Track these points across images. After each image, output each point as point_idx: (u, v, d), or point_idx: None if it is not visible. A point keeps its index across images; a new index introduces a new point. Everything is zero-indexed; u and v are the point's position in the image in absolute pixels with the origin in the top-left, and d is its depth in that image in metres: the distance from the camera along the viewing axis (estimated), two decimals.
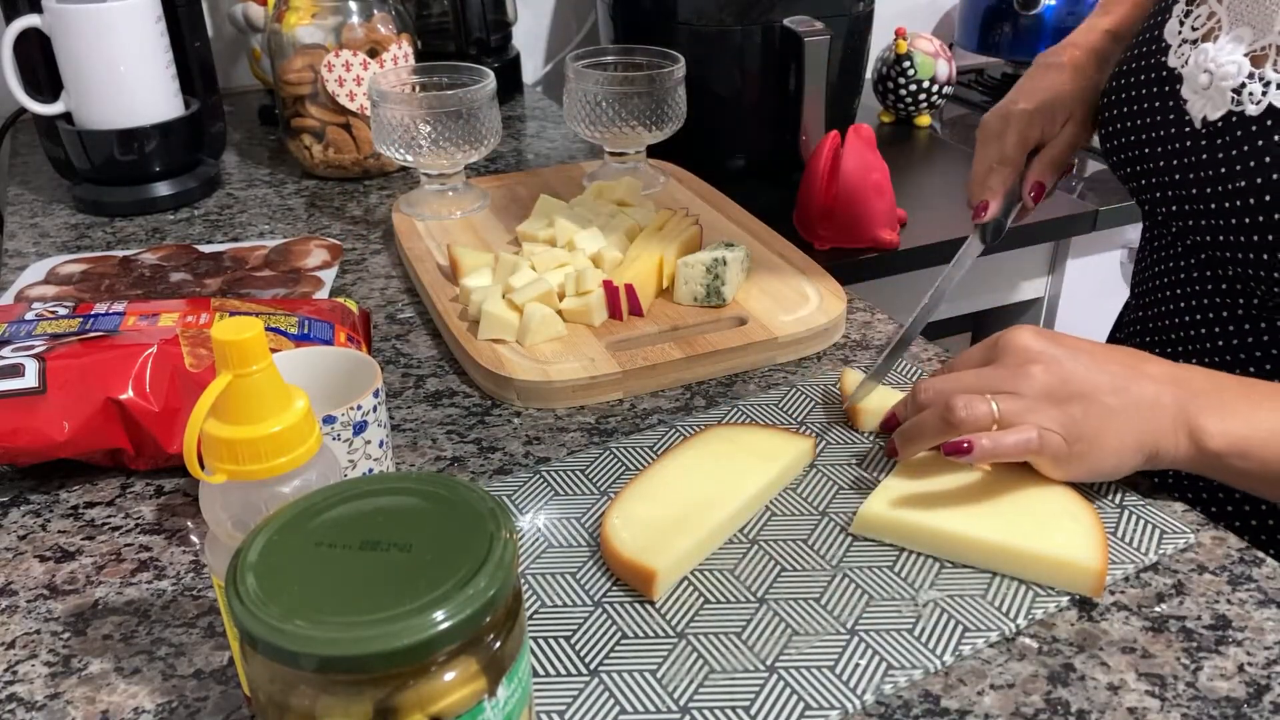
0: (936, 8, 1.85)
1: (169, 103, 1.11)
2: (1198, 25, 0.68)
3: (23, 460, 0.66)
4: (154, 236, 1.06)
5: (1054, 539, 0.57)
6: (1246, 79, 0.63)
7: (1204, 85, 0.65)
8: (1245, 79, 0.63)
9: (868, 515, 0.60)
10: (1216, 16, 0.66)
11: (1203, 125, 0.66)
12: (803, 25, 1.24)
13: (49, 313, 0.73)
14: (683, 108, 1.05)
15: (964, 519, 0.59)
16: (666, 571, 0.56)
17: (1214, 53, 0.65)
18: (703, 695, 0.51)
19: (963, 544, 0.58)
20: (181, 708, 0.52)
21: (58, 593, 0.59)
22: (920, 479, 0.63)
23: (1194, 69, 0.66)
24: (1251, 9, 0.63)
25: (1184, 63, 0.68)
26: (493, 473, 0.68)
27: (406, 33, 1.17)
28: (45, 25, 1.05)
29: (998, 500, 0.61)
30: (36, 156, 1.24)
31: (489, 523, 0.38)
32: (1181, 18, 0.69)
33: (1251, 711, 0.50)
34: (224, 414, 0.43)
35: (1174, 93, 0.68)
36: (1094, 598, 0.56)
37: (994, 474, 0.63)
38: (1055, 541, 0.57)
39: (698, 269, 0.83)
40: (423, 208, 1.02)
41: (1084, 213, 1.30)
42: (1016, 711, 0.50)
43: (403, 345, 0.84)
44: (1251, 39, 0.63)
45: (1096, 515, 0.59)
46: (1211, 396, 0.59)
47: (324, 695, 0.35)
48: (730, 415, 0.73)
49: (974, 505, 0.61)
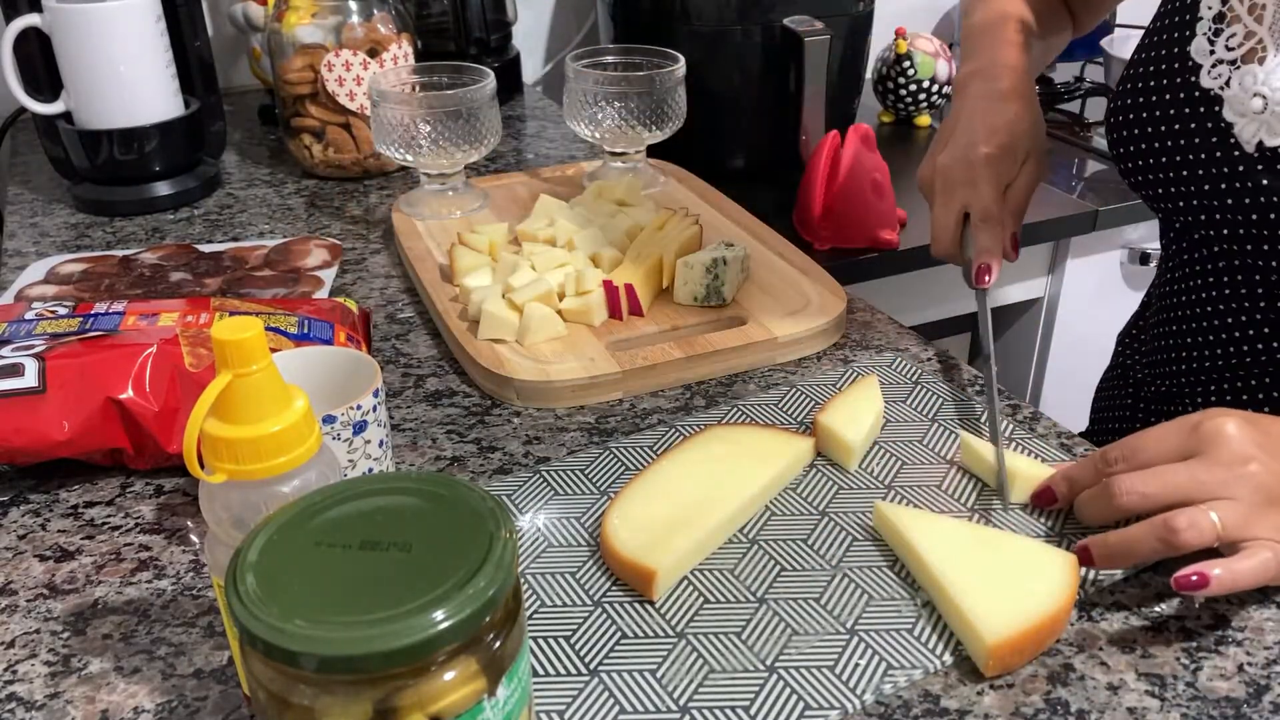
0: (936, 8, 1.85)
1: (169, 102, 1.11)
2: (1233, 45, 0.65)
3: (23, 460, 0.66)
4: (154, 236, 1.06)
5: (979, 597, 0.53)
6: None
7: (1257, 110, 0.63)
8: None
9: (880, 510, 0.61)
10: (1256, 37, 0.64)
11: (1257, 151, 0.64)
12: (803, 25, 1.24)
13: (49, 312, 0.73)
14: (683, 108, 1.05)
15: (933, 541, 0.57)
16: (666, 571, 0.56)
17: (1264, 76, 0.63)
18: (703, 695, 0.51)
19: (919, 568, 0.57)
20: (181, 707, 0.52)
21: (58, 592, 0.59)
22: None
23: (1240, 92, 0.64)
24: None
25: (1223, 84, 0.66)
26: (493, 472, 0.68)
27: (406, 32, 1.17)
28: (45, 25, 1.05)
29: (982, 540, 0.58)
30: (36, 156, 1.24)
31: (489, 522, 0.38)
32: (1211, 35, 0.67)
33: (1251, 711, 0.50)
34: (224, 413, 0.43)
35: (1213, 114, 0.66)
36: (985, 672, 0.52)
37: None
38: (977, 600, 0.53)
39: (698, 269, 0.83)
40: (423, 208, 1.02)
41: (1084, 213, 1.30)
42: (1016, 711, 0.50)
43: (403, 345, 0.84)
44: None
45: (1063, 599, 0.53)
46: None
47: (324, 695, 0.35)
48: (730, 415, 0.73)
49: (954, 535, 0.58)
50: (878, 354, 0.81)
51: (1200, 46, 0.68)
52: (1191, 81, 0.68)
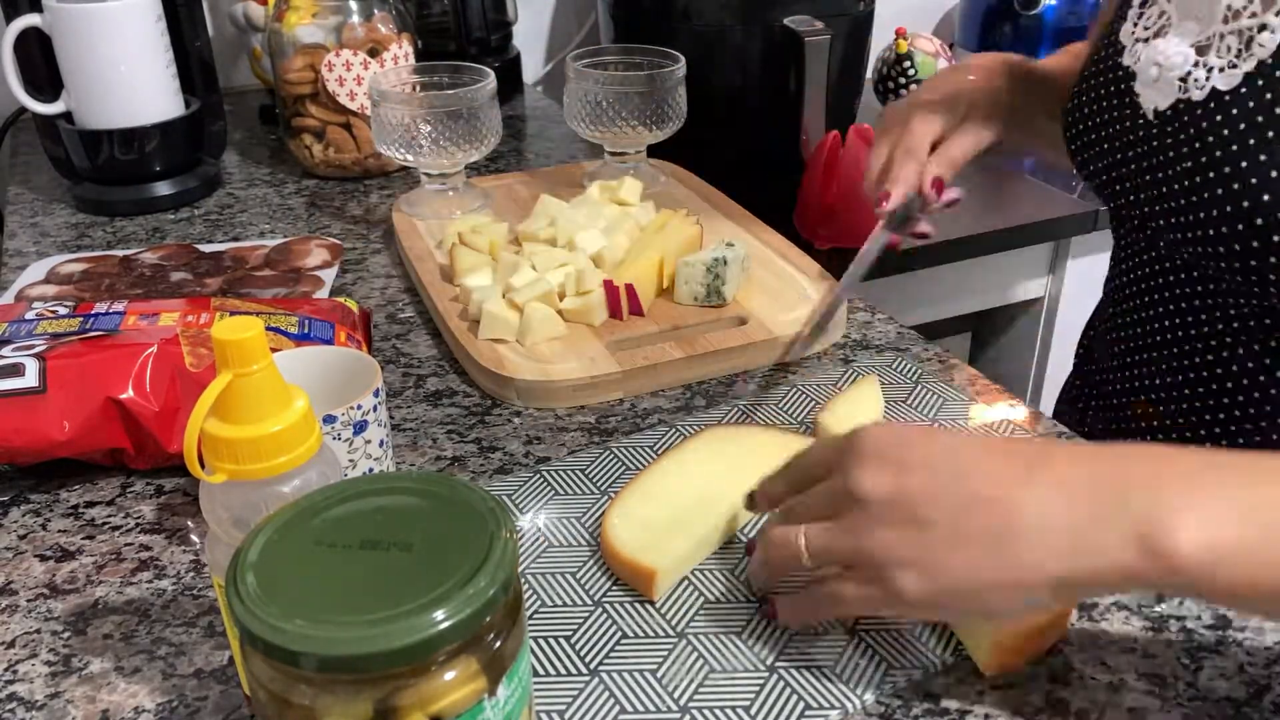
0: (936, 8, 1.85)
1: (169, 102, 1.12)
2: (1149, 25, 0.69)
3: (23, 460, 0.66)
4: (154, 236, 1.06)
5: None
6: (1192, 67, 0.64)
7: (1154, 78, 0.67)
8: (1190, 67, 0.64)
9: None
10: (1166, 15, 0.68)
11: (1154, 116, 0.67)
12: (803, 25, 1.23)
13: (49, 312, 0.73)
14: (683, 107, 1.05)
15: None
16: (666, 571, 0.56)
17: (1163, 46, 0.66)
18: (703, 695, 0.51)
19: None
20: (181, 707, 0.52)
21: (58, 592, 0.59)
22: None
23: (1145, 64, 0.68)
24: (1197, 3, 0.65)
25: (1136, 60, 0.69)
26: (493, 472, 0.68)
27: (407, 32, 1.17)
28: (45, 25, 1.05)
29: None
30: (37, 156, 1.24)
31: (489, 522, 0.38)
32: (1135, 20, 0.71)
33: (1251, 711, 0.50)
34: (224, 413, 0.43)
35: (1129, 90, 0.70)
36: (984, 671, 0.52)
37: None
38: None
39: (698, 269, 0.83)
40: (423, 207, 1.02)
41: (1084, 213, 1.30)
42: (1016, 711, 0.50)
43: (403, 345, 0.84)
44: (1198, 31, 0.65)
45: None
46: (1169, 483, 0.44)
47: (324, 695, 0.35)
48: (730, 415, 0.73)
49: None
50: (878, 354, 0.81)
51: (1126, 30, 0.71)
52: (1116, 62, 0.71)
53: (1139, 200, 0.70)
